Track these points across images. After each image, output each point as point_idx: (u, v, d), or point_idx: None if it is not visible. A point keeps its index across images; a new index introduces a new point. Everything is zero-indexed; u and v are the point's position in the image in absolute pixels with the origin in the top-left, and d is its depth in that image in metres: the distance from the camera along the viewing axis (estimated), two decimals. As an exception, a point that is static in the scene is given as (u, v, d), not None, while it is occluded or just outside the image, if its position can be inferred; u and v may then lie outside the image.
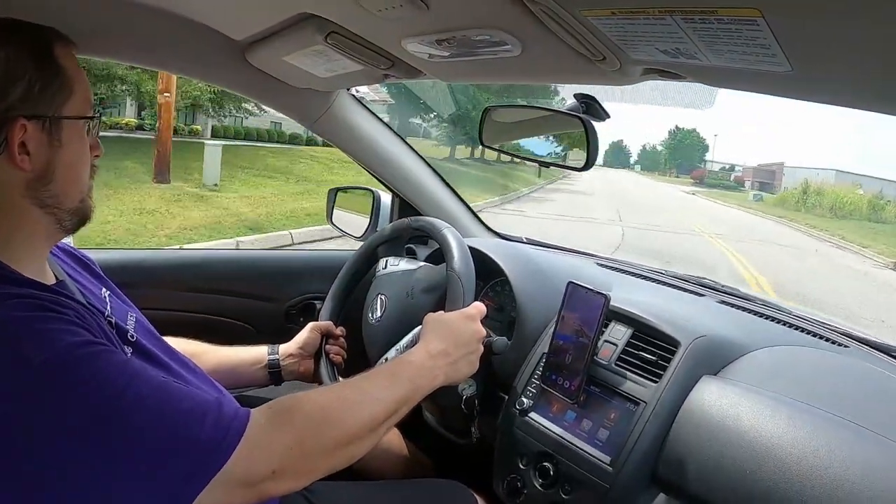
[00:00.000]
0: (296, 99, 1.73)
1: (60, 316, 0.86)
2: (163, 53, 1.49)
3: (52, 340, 0.81)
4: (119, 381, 0.82)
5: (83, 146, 1.00)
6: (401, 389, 1.08)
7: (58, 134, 0.95)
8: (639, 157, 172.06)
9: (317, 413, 0.97)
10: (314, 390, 1.04)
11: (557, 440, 1.27)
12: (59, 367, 0.79)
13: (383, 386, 1.07)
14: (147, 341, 1.12)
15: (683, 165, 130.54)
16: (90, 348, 0.84)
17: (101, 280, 1.22)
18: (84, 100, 0.99)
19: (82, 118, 0.98)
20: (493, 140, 1.56)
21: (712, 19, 0.70)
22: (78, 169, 1.00)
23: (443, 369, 1.18)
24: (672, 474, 1.14)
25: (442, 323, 1.25)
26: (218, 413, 0.87)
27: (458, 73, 1.30)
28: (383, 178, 2.02)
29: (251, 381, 1.56)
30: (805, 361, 1.35)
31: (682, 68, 0.94)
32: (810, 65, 0.77)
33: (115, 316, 1.10)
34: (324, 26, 1.17)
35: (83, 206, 1.02)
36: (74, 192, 0.99)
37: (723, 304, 1.62)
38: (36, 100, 0.91)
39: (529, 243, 2.16)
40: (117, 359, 0.86)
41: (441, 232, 1.43)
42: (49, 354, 0.79)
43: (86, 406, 0.79)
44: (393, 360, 1.16)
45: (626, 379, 1.25)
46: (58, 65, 0.94)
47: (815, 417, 1.08)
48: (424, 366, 1.15)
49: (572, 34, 0.88)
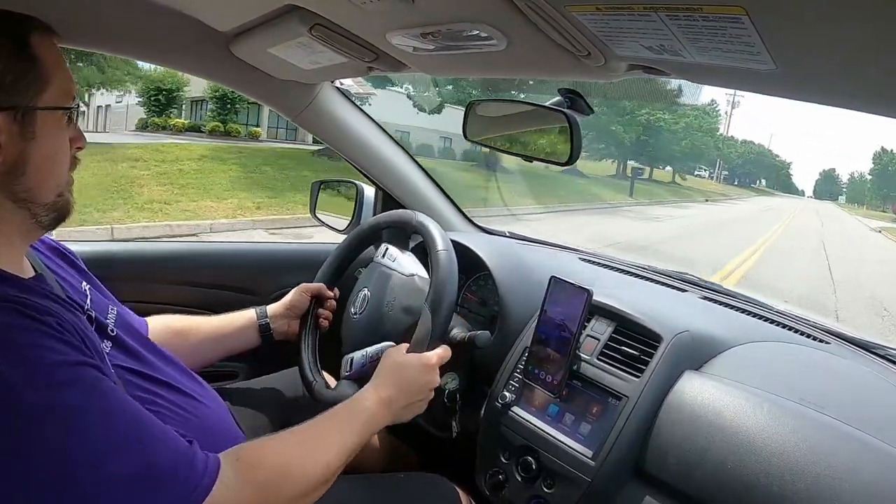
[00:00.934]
0: (280, 91, 1.72)
1: (40, 327, 0.83)
2: (147, 44, 1.48)
3: (30, 359, 0.79)
4: (91, 423, 0.81)
5: (60, 138, 0.97)
6: (355, 439, 1.12)
7: (31, 125, 0.92)
8: (846, 187, 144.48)
9: (280, 469, 0.99)
10: (277, 441, 1.05)
11: (539, 434, 1.28)
12: (32, 392, 0.78)
13: (339, 439, 1.10)
14: (127, 336, 1.12)
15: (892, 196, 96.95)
16: (68, 373, 0.82)
17: (82, 273, 1.20)
18: (62, 91, 0.96)
19: (59, 109, 0.96)
20: (478, 134, 1.55)
21: (697, 17, 0.70)
22: (54, 162, 0.97)
23: (391, 415, 1.21)
24: (654, 468, 1.15)
25: (398, 368, 1.25)
26: (188, 472, 0.87)
27: (443, 66, 1.30)
28: (367, 171, 2.01)
29: (244, 345, 1.58)
30: (787, 357, 1.36)
31: (667, 65, 0.94)
32: (794, 63, 0.77)
33: (94, 310, 1.09)
34: (308, 18, 1.16)
35: (60, 201, 1.00)
36: (50, 186, 0.97)
37: (705, 299, 1.63)
38: (7, 91, 0.89)
39: (512, 237, 2.16)
40: (92, 386, 0.84)
41: (436, 252, 1.39)
42: (24, 378, 0.77)
43: (54, 444, 0.77)
44: (347, 406, 1.17)
45: (609, 373, 1.26)
46: (33, 55, 0.92)
47: (796, 412, 1.09)
48: (376, 413, 1.18)
49: (557, 29, 0.88)
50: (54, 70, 0.95)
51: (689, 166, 57.65)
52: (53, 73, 0.95)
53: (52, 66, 0.95)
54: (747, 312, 1.55)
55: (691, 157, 54.52)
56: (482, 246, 1.66)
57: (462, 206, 2.17)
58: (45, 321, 0.84)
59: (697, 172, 74.01)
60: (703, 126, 52.22)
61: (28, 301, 0.86)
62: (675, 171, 55.29)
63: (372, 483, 1.36)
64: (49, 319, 0.85)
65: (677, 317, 1.34)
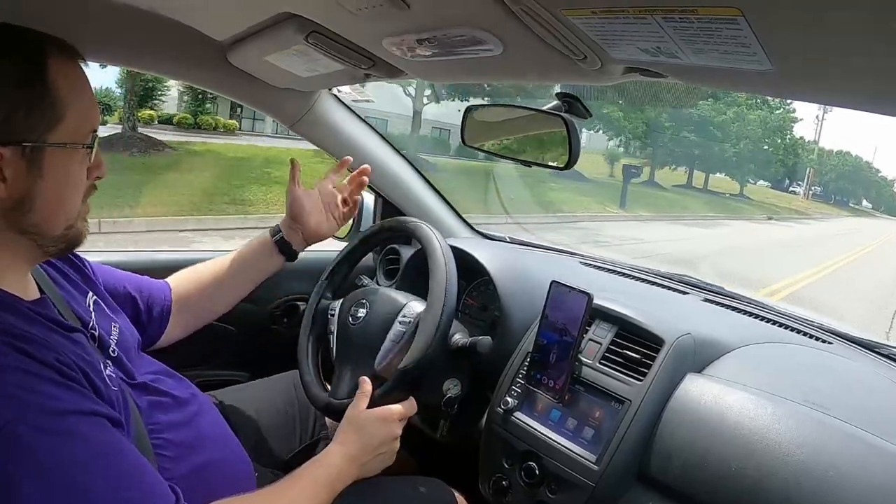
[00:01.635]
0: (277, 99, 1.72)
1: (43, 368, 0.81)
2: (144, 53, 1.48)
3: (26, 403, 0.77)
4: (79, 479, 0.78)
5: (72, 174, 0.93)
6: (323, 494, 1.13)
7: (38, 162, 0.88)
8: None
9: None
10: (249, 499, 1.05)
11: (542, 439, 1.27)
12: (27, 434, 0.75)
13: (307, 495, 1.10)
14: (126, 356, 1.11)
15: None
16: (62, 421, 0.79)
17: (89, 283, 1.19)
18: (79, 123, 0.91)
19: (70, 145, 0.91)
20: (475, 140, 1.55)
21: (692, 18, 0.70)
22: (62, 198, 0.93)
23: (357, 470, 1.22)
24: (658, 472, 1.14)
25: (360, 426, 1.25)
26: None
27: (440, 72, 1.30)
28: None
29: (270, 269, 1.57)
30: (789, 358, 1.36)
31: (663, 67, 0.94)
32: (790, 63, 0.77)
33: (98, 327, 1.08)
34: (304, 26, 1.16)
35: (70, 234, 0.96)
36: (58, 221, 0.93)
37: (707, 301, 1.63)
38: (16, 126, 0.85)
39: (513, 242, 2.16)
40: (85, 438, 0.81)
41: (435, 261, 1.39)
42: (17, 416, 0.75)
43: (38, 484, 0.74)
44: (316, 466, 1.17)
45: (611, 377, 1.26)
46: (48, 85, 0.87)
47: (800, 413, 1.08)
48: (343, 471, 1.18)
49: (553, 33, 0.88)
50: (72, 101, 0.90)
51: (754, 173, 44.96)
52: (70, 105, 0.90)
53: (69, 97, 0.90)
54: (749, 314, 1.55)
55: (752, 162, 39.85)
56: (482, 251, 1.66)
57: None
58: (43, 360, 0.82)
59: (793, 188, 62.79)
60: (769, 122, 38.50)
61: (24, 332, 0.84)
62: (733, 178, 43.74)
63: (369, 485, 1.36)
64: (46, 357, 0.83)
65: (679, 319, 1.34)
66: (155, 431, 1.06)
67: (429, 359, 1.29)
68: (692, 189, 37.47)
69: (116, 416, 0.89)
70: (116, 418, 0.89)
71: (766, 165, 41.60)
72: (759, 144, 39.39)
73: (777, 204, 45.13)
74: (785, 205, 47.09)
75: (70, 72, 0.91)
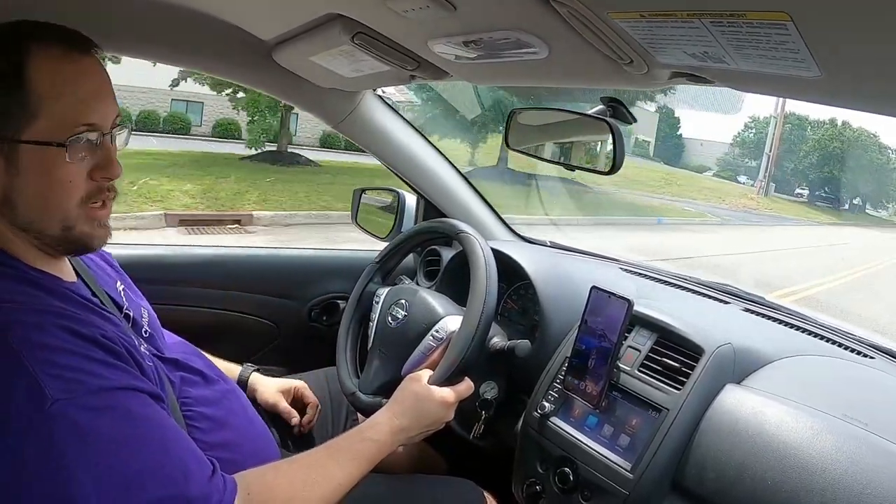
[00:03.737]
0: (322, 99, 1.74)
1: (88, 346, 0.84)
2: (190, 51, 1.51)
3: (72, 381, 0.79)
4: (123, 447, 0.81)
5: (55, 174, 0.88)
6: (361, 470, 1.11)
7: (14, 160, 0.86)
8: None
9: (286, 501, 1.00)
10: (286, 470, 1.05)
11: (578, 445, 1.26)
12: (74, 411, 0.78)
13: (347, 471, 1.09)
14: (158, 336, 1.15)
15: None
16: (105, 397, 0.82)
17: (118, 273, 1.22)
18: (58, 121, 0.87)
19: (46, 144, 0.87)
20: (520, 143, 1.55)
21: (741, 23, 0.69)
22: (46, 197, 0.90)
23: (399, 443, 1.21)
24: (693, 483, 1.13)
25: (418, 400, 1.25)
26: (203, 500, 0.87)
27: (485, 75, 1.30)
28: (409, 179, 2.03)
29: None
30: (830, 372, 1.34)
31: (710, 72, 0.93)
32: (840, 70, 0.76)
33: (131, 310, 1.11)
34: (351, 26, 1.17)
35: (70, 235, 0.93)
36: (50, 221, 0.91)
37: (747, 311, 1.60)
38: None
39: (554, 247, 2.15)
40: (127, 412, 0.84)
41: (476, 265, 1.38)
42: (65, 395, 0.78)
43: (84, 464, 0.78)
44: (358, 435, 1.17)
45: (649, 385, 1.24)
46: (23, 85, 0.85)
47: (839, 428, 1.06)
48: (386, 443, 1.17)
49: (600, 37, 0.88)
50: (51, 98, 0.87)
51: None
52: (47, 102, 0.86)
53: (50, 94, 0.87)
54: (790, 325, 1.52)
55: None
56: (523, 255, 1.65)
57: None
58: (86, 336, 0.84)
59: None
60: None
61: (67, 311, 0.86)
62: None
63: (400, 482, 1.36)
64: (89, 333, 0.85)
65: (719, 329, 1.32)
66: (186, 404, 1.08)
67: (466, 363, 1.29)
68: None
69: (157, 392, 0.92)
70: (157, 393, 0.92)
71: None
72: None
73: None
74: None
75: (57, 67, 0.88)
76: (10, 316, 0.81)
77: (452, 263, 1.78)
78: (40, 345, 0.80)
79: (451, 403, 1.26)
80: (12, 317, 0.81)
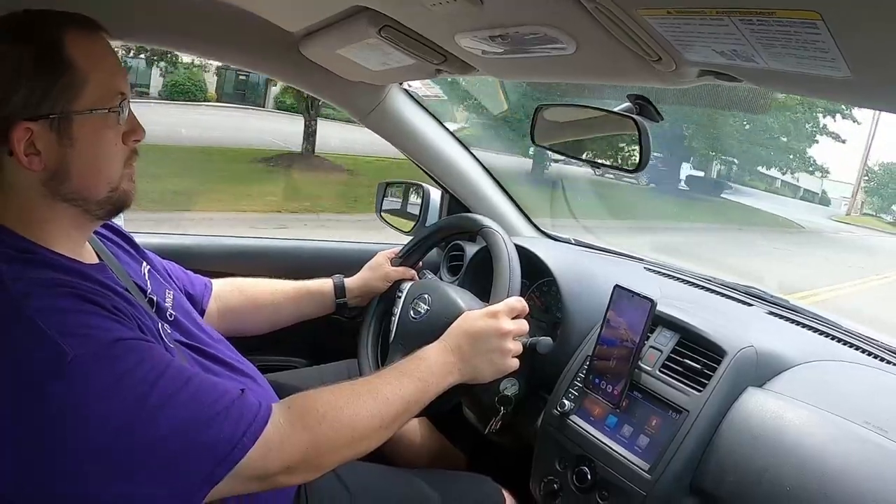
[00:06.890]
0: (348, 92, 1.75)
1: (96, 309, 0.87)
2: (217, 43, 1.52)
3: (87, 336, 0.83)
4: (145, 381, 0.85)
5: (104, 138, 0.97)
6: (410, 388, 1.11)
7: (67, 131, 0.92)
8: None
9: (330, 415, 1.01)
10: (328, 390, 1.07)
11: (597, 444, 1.26)
12: (93, 363, 0.82)
13: (394, 386, 1.10)
14: (184, 318, 1.17)
15: None
16: (121, 346, 0.86)
17: (143, 255, 1.25)
18: (104, 90, 0.95)
19: (98, 110, 0.94)
20: (545, 139, 1.54)
21: (770, 21, 0.68)
22: (100, 162, 0.97)
23: (456, 366, 1.20)
24: (711, 485, 1.12)
25: (463, 319, 1.26)
26: (239, 413, 0.90)
27: (512, 70, 1.29)
28: (433, 173, 2.03)
29: (319, 312, 1.63)
30: (853, 378, 1.32)
31: (739, 70, 0.92)
32: (870, 71, 0.74)
33: (155, 294, 1.13)
34: (378, 20, 1.17)
35: (114, 196, 1.00)
36: (99, 185, 0.98)
37: (771, 314, 1.58)
38: (38, 103, 0.89)
39: (578, 245, 2.14)
40: (144, 356, 0.88)
41: (500, 260, 1.41)
42: (83, 350, 0.81)
43: (112, 408, 0.82)
44: (407, 358, 1.18)
45: (670, 386, 1.23)
46: (66, 61, 0.91)
47: (860, 435, 1.05)
48: (436, 362, 1.18)
49: (628, 33, 0.87)
50: (92, 70, 0.94)
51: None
52: (90, 74, 0.93)
53: (89, 67, 0.93)
54: (814, 330, 1.50)
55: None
56: (547, 252, 1.64)
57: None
58: (100, 303, 0.88)
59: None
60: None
61: (83, 285, 0.90)
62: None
63: (419, 476, 1.37)
64: (104, 302, 0.89)
65: (742, 331, 1.30)
66: None
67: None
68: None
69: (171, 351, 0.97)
70: (171, 351, 0.97)
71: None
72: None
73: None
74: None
75: (89, 44, 0.95)
76: (27, 288, 0.85)
77: (476, 259, 1.78)
78: (54, 309, 0.84)
79: (501, 313, 1.27)
80: (28, 289, 0.85)
